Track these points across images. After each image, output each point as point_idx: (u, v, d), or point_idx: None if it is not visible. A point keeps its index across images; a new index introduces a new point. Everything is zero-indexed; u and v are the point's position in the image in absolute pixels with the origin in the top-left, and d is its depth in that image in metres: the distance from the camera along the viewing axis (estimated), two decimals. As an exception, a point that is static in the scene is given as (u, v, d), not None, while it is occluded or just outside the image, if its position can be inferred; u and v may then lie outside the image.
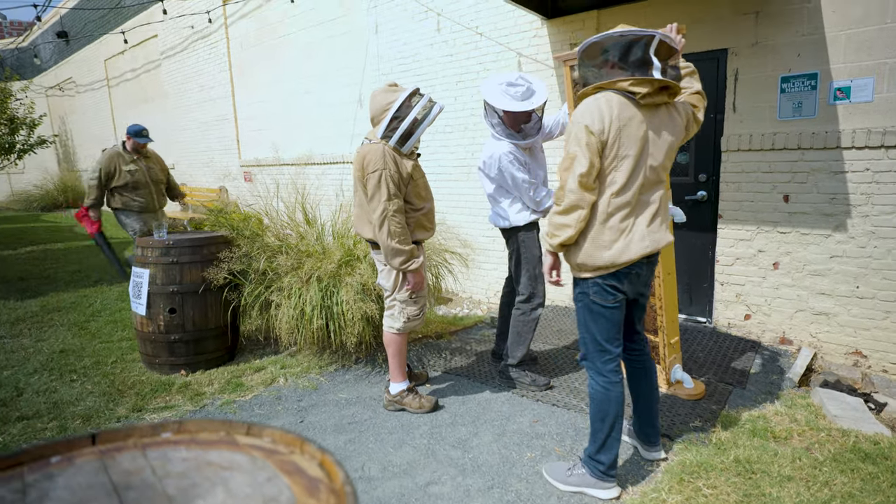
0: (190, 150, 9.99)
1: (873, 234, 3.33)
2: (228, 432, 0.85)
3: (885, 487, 2.17)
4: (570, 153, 2.03)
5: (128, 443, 0.81)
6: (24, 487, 0.67)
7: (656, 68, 1.92)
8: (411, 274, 2.83)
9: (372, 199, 2.70)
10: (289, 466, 0.74)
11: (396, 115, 2.67)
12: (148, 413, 3.13)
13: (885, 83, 3.18)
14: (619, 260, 2.05)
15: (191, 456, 0.77)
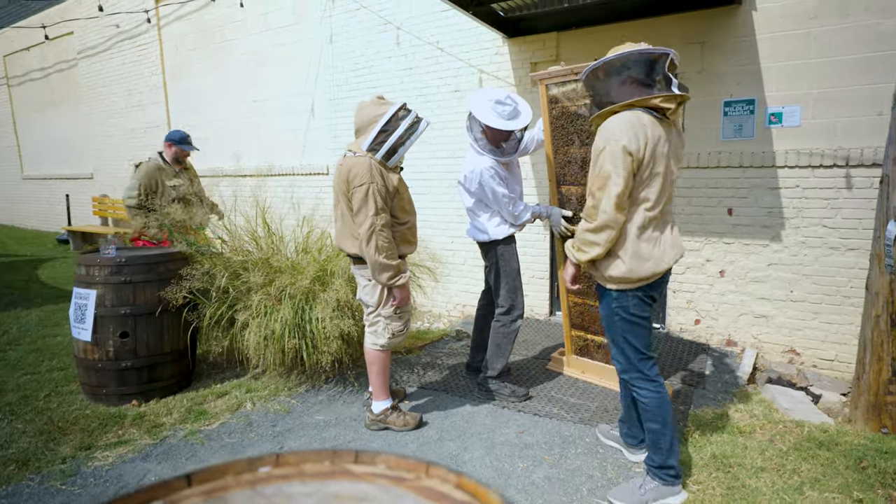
0: (112, 158, 9.23)
1: (804, 243, 3.73)
2: (334, 461, 0.81)
3: (842, 470, 2.43)
4: (605, 172, 2.06)
5: (227, 481, 0.76)
6: None
7: (674, 84, 2.04)
8: (398, 289, 2.81)
9: (358, 213, 2.65)
10: (428, 493, 0.69)
11: (385, 129, 2.65)
12: (98, 451, 2.82)
13: (810, 111, 3.60)
14: (658, 269, 2.15)
15: (311, 490, 0.71)
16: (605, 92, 2.16)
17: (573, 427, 2.99)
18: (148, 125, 8.43)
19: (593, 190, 2.13)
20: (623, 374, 2.35)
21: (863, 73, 3.43)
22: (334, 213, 2.91)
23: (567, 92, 3.10)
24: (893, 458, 2.46)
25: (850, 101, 3.49)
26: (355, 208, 2.66)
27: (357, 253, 2.78)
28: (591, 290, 3.37)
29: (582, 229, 2.19)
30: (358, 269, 2.90)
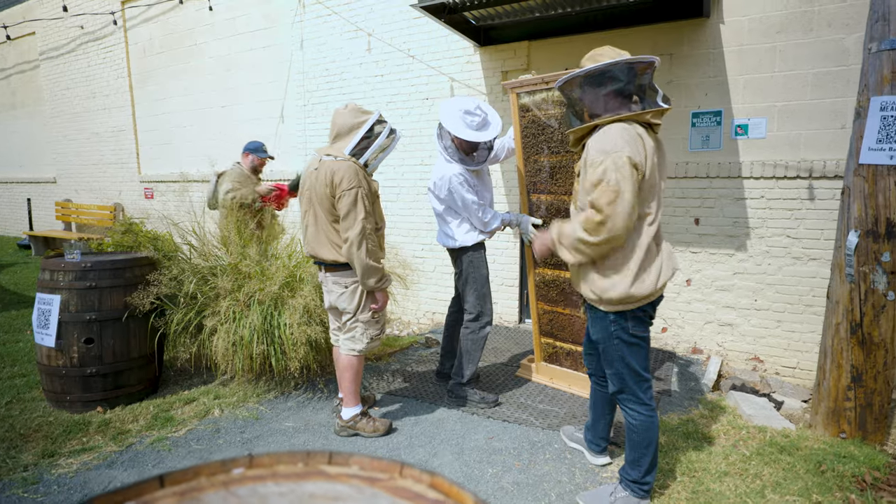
0: (75, 163, 8.99)
1: (768, 253, 3.83)
2: (308, 462, 0.80)
3: (802, 474, 2.48)
4: (614, 186, 1.94)
5: (200, 482, 0.74)
6: None
7: (660, 97, 2.02)
8: (381, 293, 2.82)
9: (347, 217, 2.61)
10: (402, 492, 0.69)
11: (367, 136, 2.68)
12: (62, 458, 2.75)
13: (775, 122, 3.70)
14: (659, 285, 2.07)
15: (286, 490, 0.70)
16: (588, 102, 2.08)
17: (542, 433, 2.99)
18: (114, 129, 8.24)
19: (600, 204, 1.96)
20: (617, 395, 2.28)
21: (826, 86, 3.54)
22: (304, 220, 2.82)
23: (538, 101, 3.14)
24: (851, 461, 2.52)
25: (814, 114, 3.59)
26: (343, 212, 2.60)
27: (335, 259, 2.73)
28: (561, 298, 3.39)
29: (582, 239, 2.04)
30: (333, 276, 2.82)
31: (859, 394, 2.73)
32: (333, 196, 2.63)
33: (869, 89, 2.60)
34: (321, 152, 2.74)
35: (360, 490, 0.71)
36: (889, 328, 2.64)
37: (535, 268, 3.47)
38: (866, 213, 2.62)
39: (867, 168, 2.62)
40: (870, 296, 2.65)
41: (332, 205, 2.66)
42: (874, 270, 2.62)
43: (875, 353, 2.67)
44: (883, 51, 2.54)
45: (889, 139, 2.54)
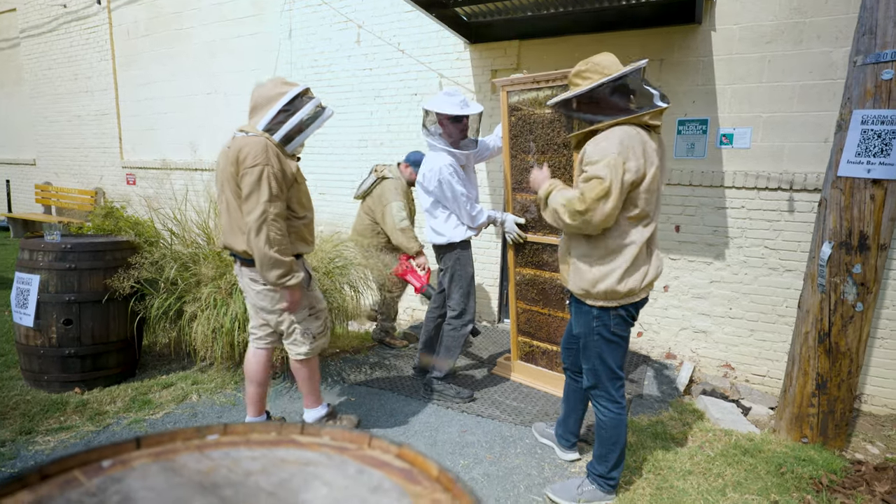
0: (56, 146, 8.83)
1: (745, 262, 3.91)
2: (280, 432, 0.82)
3: (763, 475, 2.55)
4: (607, 186, 1.99)
5: (175, 445, 0.76)
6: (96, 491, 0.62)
7: (657, 97, 2.06)
8: (289, 291, 2.45)
9: (248, 198, 2.30)
10: (370, 461, 0.72)
11: (285, 109, 2.37)
12: (39, 436, 2.75)
13: (759, 133, 3.77)
14: (643, 285, 2.13)
15: (258, 455, 0.73)
16: (584, 112, 2.13)
17: (514, 428, 3.03)
18: (96, 113, 8.12)
19: (588, 197, 2.03)
20: (590, 390, 2.34)
21: (812, 99, 3.59)
22: (219, 206, 2.53)
23: (527, 100, 3.17)
24: (810, 465, 2.60)
25: (798, 127, 3.65)
26: (245, 192, 2.30)
27: (247, 251, 2.41)
28: (540, 298, 3.44)
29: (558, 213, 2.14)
30: (248, 271, 2.50)
31: (823, 401, 2.81)
32: (238, 175, 2.33)
33: (852, 102, 2.65)
34: (238, 129, 2.45)
35: (330, 457, 0.74)
36: (855, 338, 2.72)
37: (516, 267, 3.51)
38: (841, 224, 2.69)
39: (845, 181, 2.68)
40: (839, 306, 2.73)
41: (238, 185, 2.35)
42: (845, 281, 2.70)
43: (840, 361, 2.75)
44: (867, 64, 2.59)
45: (868, 153, 2.60)
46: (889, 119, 2.54)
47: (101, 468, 0.68)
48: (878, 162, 2.58)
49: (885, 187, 2.59)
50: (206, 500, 0.60)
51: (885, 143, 2.55)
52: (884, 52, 2.53)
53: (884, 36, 2.53)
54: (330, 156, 5.78)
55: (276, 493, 0.62)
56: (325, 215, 5.64)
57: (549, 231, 3.27)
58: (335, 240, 3.93)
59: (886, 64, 2.53)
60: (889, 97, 2.53)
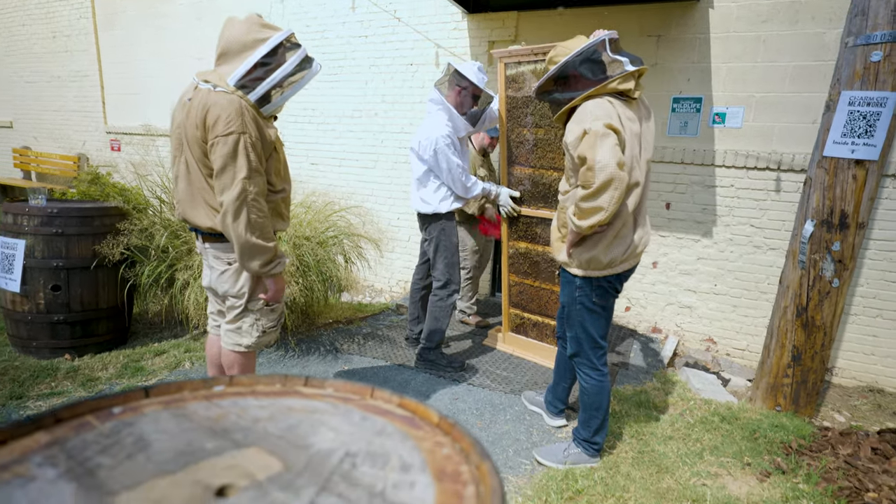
0: (35, 108, 8.55)
1: (731, 240, 4.00)
2: (285, 384, 0.86)
3: (738, 440, 2.68)
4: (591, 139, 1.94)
5: (183, 395, 0.79)
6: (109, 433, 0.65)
7: (626, 62, 2.09)
8: (271, 280, 2.12)
9: (222, 173, 1.91)
10: (373, 409, 0.75)
11: (264, 62, 1.97)
12: (31, 401, 2.78)
13: (752, 113, 3.82)
14: (625, 255, 2.16)
15: (265, 404, 0.76)
16: (561, 92, 2.20)
17: (504, 397, 3.13)
18: (76, 74, 7.85)
19: (583, 153, 1.97)
20: (573, 358, 2.43)
21: (803, 80, 3.63)
22: (173, 170, 2.11)
23: (526, 72, 3.18)
24: (782, 430, 2.73)
25: (789, 107, 3.70)
26: (218, 166, 1.91)
27: (213, 227, 2.05)
28: (532, 271, 3.50)
29: (579, 197, 2.01)
30: (212, 249, 2.14)
31: (797, 371, 2.94)
32: (206, 141, 1.94)
33: (841, 83, 2.70)
34: (200, 77, 2.00)
35: (335, 406, 0.78)
36: (830, 313, 2.83)
37: (509, 240, 3.57)
38: (824, 203, 2.78)
39: (829, 161, 2.75)
40: (817, 282, 2.83)
41: (205, 153, 1.96)
42: (824, 258, 2.80)
43: (815, 335, 2.87)
44: (858, 46, 2.62)
45: (853, 133, 2.66)
46: (875, 101, 2.59)
47: (112, 414, 0.71)
48: (862, 143, 2.65)
49: (866, 168, 2.67)
50: (218, 442, 0.63)
51: (870, 124, 2.62)
52: (874, 33, 2.56)
53: (875, 17, 2.56)
54: (322, 125, 5.72)
55: (284, 436, 0.66)
56: (316, 185, 5.62)
57: (543, 205, 3.31)
58: (328, 210, 3.94)
59: (876, 46, 2.57)
60: (876, 79, 2.58)
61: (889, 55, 2.54)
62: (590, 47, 2.12)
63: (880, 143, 2.60)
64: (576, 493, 2.27)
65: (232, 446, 0.63)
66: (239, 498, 0.53)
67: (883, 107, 2.57)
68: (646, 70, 2.15)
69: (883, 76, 2.56)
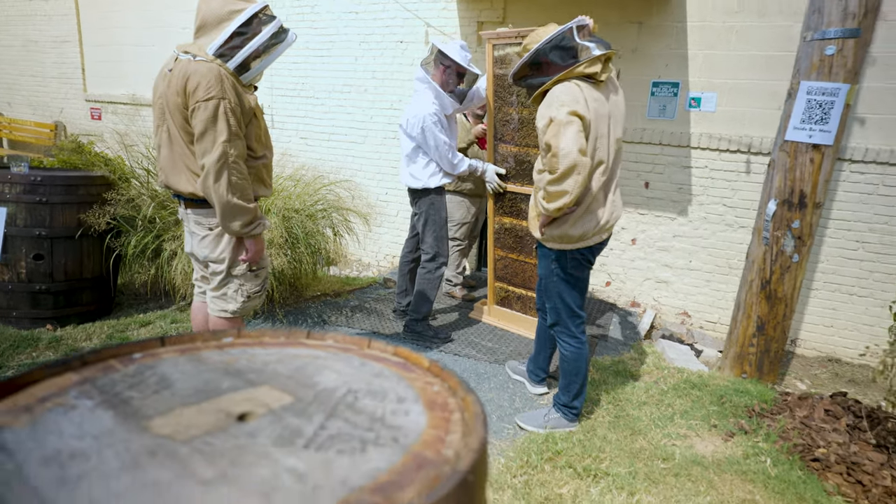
0: (10, 73, 8.30)
1: (705, 219, 4.18)
2: (289, 337, 0.94)
3: (706, 405, 2.88)
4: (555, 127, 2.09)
5: (196, 344, 0.86)
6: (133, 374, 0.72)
7: (593, 47, 2.21)
8: (251, 241, 2.21)
9: (203, 137, 2.00)
10: (371, 356, 0.84)
11: (241, 32, 2.05)
12: (11, 370, 2.79)
13: (725, 98, 3.97)
14: (595, 230, 2.29)
15: (273, 352, 0.83)
16: (535, 77, 2.33)
17: (488, 366, 3.27)
18: (55, 39, 7.64)
19: (548, 141, 2.12)
20: (552, 327, 2.57)
21: (771, 69, 3.80)
22: (157, 136, 2.21)
23: (512, 54, 3.25)
24: (746, 395, 2.94)
25: (758, 94, 3.88)
26: (199, 130, 2.01)
27: (194, 192, 2.13)
28: (517, 245, 3.63)
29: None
30: (194, 215, 2.21)
31: (761, 341, 3.14)
32: (187, 108, 2.03)
33: (800, 74, 2.90)
34: (180, 49, 2.10)
35: (336, 354, 0.87)
36: (791, 286, 3.03)
37: (495, 216, 3.68)
38: (785, 184, 2.96)
39: (790, 144, 2.94)
40: (779, 257, 3.02)
41: (186, 119, 2.05)
42: (785, 235, 2.98)
43: (777, 306, 3.07)
44: (815, 40, 2.83)
45: (811, 120, 2.88)
46: (829, 91, 2.81)
47: (132, 359, 0.78)
48: (819, 129, 2.86)
49: (822, 152, 2.88)
50: (233, 381, 0.71)
51: (825, 112, 2.84)
52: (828, 29, 2.77)
53: (829, 15, 2.77)
54: (311, 99, 5.71)
55: (293, 376, 0.74)
56: (306, 160, 5.64)
57: (528, 182, 3.42)
58: (317, 184, 4.00)
59: (830, 41, 2.78)
60: (830, 71, 2.80)
61: (841, 49, 2.75)
62: (558, 35, 2.24)
63: (834, 129, 2.82)
64: (555, 453, 2.42)
65: (246, 385, 0.71)
66: (258, 422, 0.61)
67: (836, 96, 2.79)
68: (613, 54, 2.26)
69: (836, 69, 2.78)
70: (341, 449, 0.56)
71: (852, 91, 2.80)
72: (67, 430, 0.57)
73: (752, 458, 2.45)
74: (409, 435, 0.61)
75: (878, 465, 2.33)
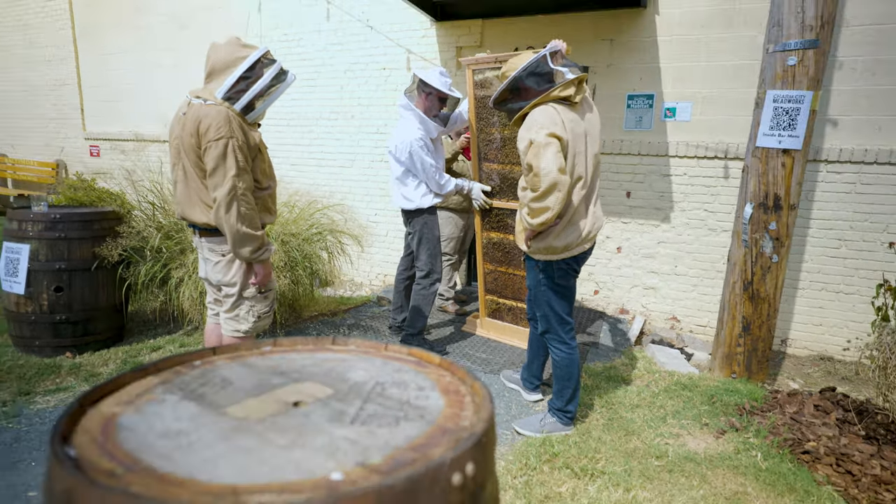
0: (11, 115, 8.53)
1: (688, 224, 4.32)
2: (317, 344, 1.09)
3: (697, 405, 2.98)
4: (535, 148, 2.23)
5: (241, 353, 1.03)
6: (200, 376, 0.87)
7: (566, 72, 2.36)
8: (260, 265, 2.42)
9: (214, 173, 2.23)
10: (389, 357, 1.01)
11: (246, 76, 2.27)
12: (38, 396, 2.92)
13: (699, 107, 4.15)
14: (579, 240, 2.42)
15: (306, 356, 1.00)
16: (514, 101, 2.48)
17: (483, 377, 3.37)
18: (55, 82, 7.88)
19: (530, 161, 2.25)
20: (544, 335, 2.69)
21: (741, 78, 3.99)
22: (173, 175, 2.44)
23: (491, 78, 3.41)
24: (736, 395, 3.04)
25: (730, 102, 4.05)
26: (210, 168, 2.23)
27: (208, 222, 2.35)
28: (505, 259, 3.75)
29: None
30: (207, 243, 2.43)
31: (747, 341, 3.25)
32: (200, 147, 2.24)
33: (766, 83, 3.07)
34: (192, 94, 2.33)
35: (359, 356, 1.03)
36: (773, 286, 3.16)
37: (483, 231, 3.80)
38: (759, 188, 3.10)
39: (762, 150, 3.09)
40: (759, 258, 3.15)
41: (200, 158, 2.27)
42: (763, 237, 3.12)
43: (761, 306, 3.19)
44: (776, 52, 3.00)
45: (779, 126, 3.03)
46: (794, 98, 2.98)
47: (194, 366, 0.93)
48: (787, 135, 3.02)
49: (792, 156, 3.03)
50: (281, 380, 0.88)
51: (792, 118, 3.00)
52: (789, 41, 2.95)
53: (788, 28, 2.95)
54: (300, 128, 5.88)
55: (328, 374, 0.91)
56: (298, 186, 5.77)
57: (512, 197, 3.56)
58: (311, 209, 4.12)
59: (791, 52, 2.95)
60: (794, 80, 2.97)
61: (802, 60, 2.94)
62: (533, 62, 2.39)
63: (802, 134, 2.97)
64: (552, 455, 2.51)
65: (292, 381, 0.88)
66: (310, 407, 0.77)
67: (801, 103, 2.95)
68: (585, 77, 2.43)
69: (799, 77, 2.95)
70: (380, 423, 0.73)
71: (816, 97, 2.96)
72: (167, 415, 0.74)
73: (743, 453, 2.54)
74: (432, 412, 0.77)
75: (868, 455, 2.43)
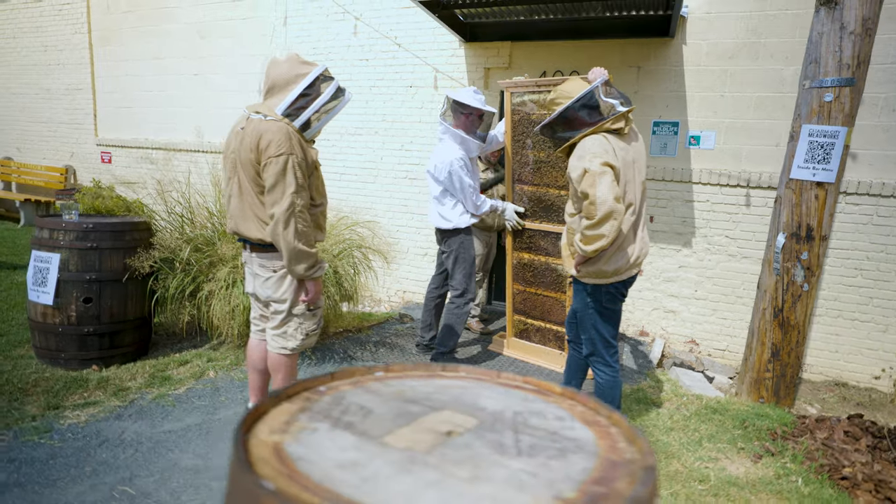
0: (21, 119, 8.51)
1: (709, 249, 4.41)
2: (427, 370, 1.06)
3: (730, 429, 3.02)
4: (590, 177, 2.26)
5: (356, 378, 0.98)
6: (332, 402, 0.83)
7: (617, 104, 2.42)
8: (312, 283, 2.40)
9: (274, 189, 2.20)
10: (506, 384, 0.95)
11: (306, 93, 2.27)
12: (67, 410, 2.86)
13: (723, 136, 4.26)
14: (627, 265, 2.46)
15: (424, 383, 0.95)
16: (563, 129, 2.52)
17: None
18: (69, 87, 7.87)
19: (585, 190, 2.28)
20: (589, 357, 2.72)
21: (766, 109, 4.10)
22: (228, 188, 2.41)
23: (528, 101, 3.49)
24: (766, 419, 3.09)
25: (754, 132, 4.16)
26: (269, 183, 2.21)
27: (261, 238, 2.33)
28: (534, 280, 3.80)
29: (584, 226, 2.33)
30: (259, 258, 2.41)
31: (776, 366, 3.31)
32: (259, 163, 2.22)
33: (801, 118, 3.17)
34: (251, 109, 2.32)
35: (476, 383, 1.01)
36: (803, 313, 3.23)
37: (514, 251, 3.85)
38: (792, 219, 3.19)
39: (795, 182, 3.18)
40: (790, 287, 3.22)
41: (258, 173, 2.25)
42: (795, 266, 3.20)
43: (790, 333, 3.25)
44: (813, 88, 3.11)
45: (813, 160, 3.13)
46: (829, 133, 3.08)
47: (320, 391, 0.88)
48: (822, 168, 3.11)
49: (826, 189, 3.12)
50: (419, 408, 0.82)
51: (827, 152, 3.10)
52: (825, 78, 3.06)
53: (826, 66, 3.06)
54: (324, 142, 5.92)
55: (458, 402, 0.85)
56: (324, 201, 5.81)
57: (545, 219, 3.62)
58: (341, 224, 4.15)
59: (827, 89, 3.07)
60: (829, 115, 3.08)
61: (838, 97, 3.04)
62: (587, 94, 2.43)
63: (836, 168, 3.07)
64: (593, 478, 2.54)
65: (431, 410, 0.82)
66: (464, 438, 0.69)
67: (836, 138, 3.05)
68: (633, 108, 2.49)
69: (835, 113, 3.06)
70: (548, 455, 0.67)
71: (850, 133, 3.07)
72: (329, 445, 0.68)
73: (783, 478, 2.58)
74: (588, 444, 0.72)
75: (901, 481, 2.48)
